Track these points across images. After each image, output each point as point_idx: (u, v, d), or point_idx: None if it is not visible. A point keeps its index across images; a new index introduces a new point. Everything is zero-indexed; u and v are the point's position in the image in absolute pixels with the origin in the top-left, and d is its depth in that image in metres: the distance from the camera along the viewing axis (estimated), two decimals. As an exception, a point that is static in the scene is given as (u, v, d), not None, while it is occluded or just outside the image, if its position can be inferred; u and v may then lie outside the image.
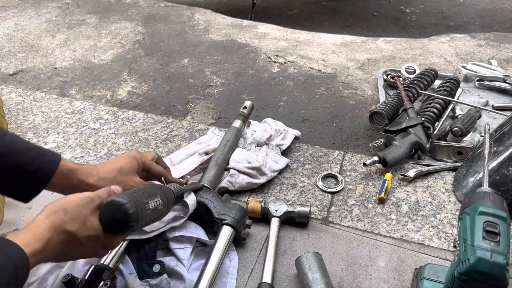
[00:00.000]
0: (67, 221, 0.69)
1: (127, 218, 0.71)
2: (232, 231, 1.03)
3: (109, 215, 0.72)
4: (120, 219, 0.72)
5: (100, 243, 0.74)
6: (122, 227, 0.73)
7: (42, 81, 1.96)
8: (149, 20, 2.61)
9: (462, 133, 1.43)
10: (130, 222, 0.72)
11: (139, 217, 0.73)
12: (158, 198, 0.80)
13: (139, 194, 0.76)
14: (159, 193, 0.82)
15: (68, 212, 0.70)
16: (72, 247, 0.71)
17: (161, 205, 0.81)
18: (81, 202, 0.72)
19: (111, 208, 0.72)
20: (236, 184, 1.23)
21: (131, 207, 0.72)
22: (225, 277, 1.00)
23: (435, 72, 1.76)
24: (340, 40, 2.37)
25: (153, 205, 0.78)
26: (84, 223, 0.71)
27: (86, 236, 0.71)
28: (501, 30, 3.27)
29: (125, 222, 0.72)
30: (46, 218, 0.69)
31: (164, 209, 0.83)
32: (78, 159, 1.41)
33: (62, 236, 0.69)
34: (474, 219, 0.70)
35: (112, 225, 0.73)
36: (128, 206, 0.71)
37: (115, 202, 0.72)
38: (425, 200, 1.25)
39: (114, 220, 0.72)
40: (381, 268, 1.04)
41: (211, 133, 1.46)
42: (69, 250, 0.71)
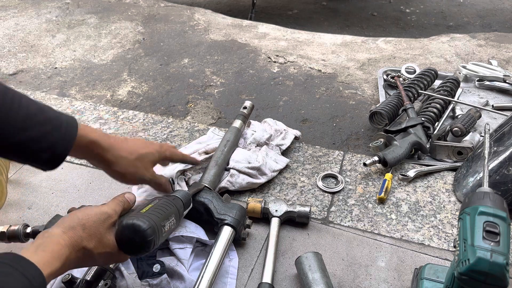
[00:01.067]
0: (84, 237, 0.70)
1: (145, 244, 0.73)
2: (232, 231, 1.03)
3: (127, 237, 0.73)
4: (138, 243, 0.73)
5: (111, 258, 0.75)
6: (138, 250, 0.74)
7: (42, 81, 1.97)
8: (149, 20, 2.61)
9: (462, 133, 1.43)
10: (147, 248, 0.73)
11: (156, 243, 0.75)
12: (173, 218, 0.81)
13: (157, 217, 0.76)
14: (174, 212, 0.83)
15: (86, 228, 0.71)
16: (86, 262, 0.72)
17: (174, 224, 0.82)
18: (99, 219, 0.73)
19: (130, 231, 0.73)
20: (236, 184, 1.23)
21: (151, 233, 0.72)
22: (225, 277, 1.00)
23: (435, 72, 1.76)
24: (340, 40, 2.37)
25: (168, 227, 0.79)
26: (101, 241, 0.72)
27: (101, 253, 0.72)
28: (501, 30, 3.27)
29: (142, 247, 0.73)
30: (64, 233, 0.69)
31: (176, 225, 0.84)
32: (78, 159, 1.41)
33: (79, 253, 0.69)
34: (474, 219, 0.70)
35: (129, 248, 0.74)
36: (148, 232, 0.72)
37: (135, 226, 0.72)
38: (425, 200, 1.25)
39: (132, 243, 0.73)
40: (381, 268, 1.04)
41: (211, 133, 1.46)
42: (83, 264, 0.72)
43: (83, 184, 1.31)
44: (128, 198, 0.82)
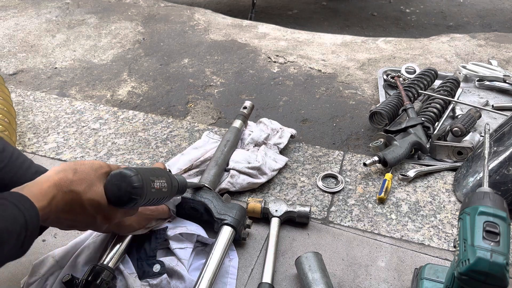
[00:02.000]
0: (74, 180, 0.70)
1: (132, 190, 0.72)
2: (232, 231, 1.03)
3: (115, 185, 0.73)
4: (125, 190, 0.72)
5: (101, 211, 0.74)
6: (126, 199, 0.73)
7: (42, 81, 1.97)
8: (149, 20, 2.61)
9: (462, 133, 1.43)
10: (134, 195, 0.73)
11: (144, 192, 0.74)
12: (164, 181, 0.81)
13: (146, 171, 0.77)
14: (165, 177, 0.83)
15: (77, 172, 0.71)
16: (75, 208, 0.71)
17: (165, 187, 0.82)
18: (91, 167, 0.74)
19: (117, 179, 0.73)
20: (237, 185, 1.23)
21: (137, 180, 0.72)
22: (225, 277, 1.00)
23: (435, 72, 1.76)
24: (340, 40, 2.37)
25: (158, 185, 0.79)
26: (90, 187, 0.72)
27: (89, 199, 0.71)
28: (501, 30, 3.27)
29: (129, 194, 0.72)
30: (55, 174, 0.70)
31: (167, 193, 0.83)
32: (78, 159, 1.41)
33: (67, 195, 0.69)
34: (474, 219, 0.70)
35: (116, 195, 0.74)
36: (134, 178, 0.72)
37: (122, 173, 0.73)
38: (425, 200, 1.25)
39: (119, 190, 0.73)
40: (381, 268, 1.04)
41: (206, 137, 1.44)
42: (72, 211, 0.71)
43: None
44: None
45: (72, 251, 0.99)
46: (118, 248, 0.96)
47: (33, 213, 0.63)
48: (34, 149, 1.46)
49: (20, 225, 0.60)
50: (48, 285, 0.93)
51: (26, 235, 0.62)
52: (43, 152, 1.44)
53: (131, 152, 1.44)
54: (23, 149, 1.45)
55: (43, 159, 1.41)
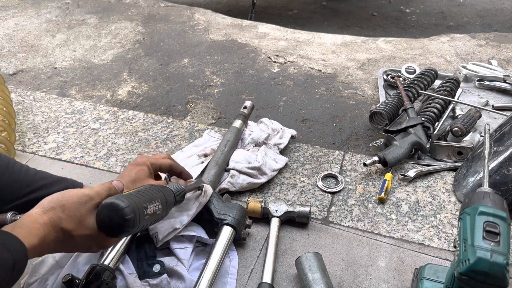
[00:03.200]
0: (64, 218, 0.69)
1: (124, 223, 0.71)
2: (232, 231, 1.03)
3: (106, 217, 0.72)
4: (117, 222, 0.71)
5: (94, 242, 0.74)
6: (118, 231, 0.72)
7: (42, 81, 1.97)
8: (149, 20, 2.61)
9: (462, 133, 1.43)
10: (126, 228, 0.71)
11: (136, 223, 0.72)
12: (158, 203, 0.79)
13: (138, 198, 0.75)
14: (159, 197, 0.81)
15: (66, 209, 0.70)
16: (67, 244, 0.71)
17: (159, 209, 0.80)
18: (79, 200, 0.72)
19: (109, 210, 0.71)
20: (237, 185, 1.23)
21: (129, 212, 0.70)
22: (225, 277, 1.00)
23: (435, 72, 1.76)
24: (340, 40, 2.37)
25: (152, 210, 0.77)
26: (81, 223, 0.70)
27: (81, 235, 0.71)
28: (501, 30, 3.27)
29: (121, 226, 0.71)
30: (44, 213, 0.68)
31: (163, 213, 0.82)
32: (78, 159, 1.41)
33: (59, 234, 0.68)
34: (474, 219, 0.70)
35: (108, 227, 0.72)
36: (126, 211, 0.70)
37: (113, 205, 0.71)
38: (425, 200, 1.25)
39: (111, 222, 0.71)
40: (381, 268, 1.04)
41: (207, 135, 1.45)
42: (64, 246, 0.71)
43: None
44: (116, 185, 0.80)
45: (72, 251, 0.99)
46: (118, 248, 0.96)
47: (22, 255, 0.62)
48: (34, 149, 1.46)
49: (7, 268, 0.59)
50: (48, 285, 0.93)
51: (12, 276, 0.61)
52: (43, 152, 1.44)
53: (131, 152, 1.44)
54: (23, 149, 1.45)
55: (43, 159, 1.41)
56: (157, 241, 1.00)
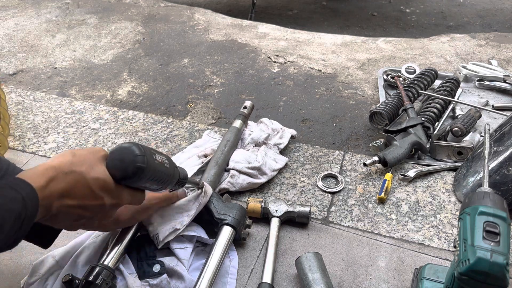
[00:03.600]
0: (74, 162, 0.68)
1: (136, 158, 0.70)
2: (232, 231, 1.03)
3: (117, 159, 0.71)
4: (129, 160, 0.70)
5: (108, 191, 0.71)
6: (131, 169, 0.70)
7: (42, 81, 1.97)
8: (149, 20, 2.61)
9: (462, 133, 1.43)
10: (139, 163, 0.70)
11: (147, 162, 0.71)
12: (165, 158, 0.79)
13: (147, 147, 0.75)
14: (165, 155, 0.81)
15: (76, 155, 0.70)
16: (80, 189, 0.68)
17: (167, 163, 0.79)
18: (89, 151, 0.72)
19: (119, 152, 0.71)
20: (237, 185, 1.23)
21: (138, 149, 0.71)
22: (225, 277, 1.00)
23: (435, 72, 1.76)
24: (340, 40, 2.37)
25: (160, 159, 0.76)
26: (92, 166, 0.70)
27: (94, 178, 0.69)
28: (501, 30, 3.27)
29: (134, 162, 0.70)
30: (52, 160, 0.68)
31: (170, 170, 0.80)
32: (78, 159, 1.41)
33: (69, 177, 0.67)
34: (474, 219, 0.70)
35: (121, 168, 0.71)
36: (135, 148, 0.71)
37: (122, 146, 0.72)
38: (425, 200, 1.25)
39: (123, 162, 0.71)
40: (381, 268, 1.04)
41: (207, 135, 1.45)
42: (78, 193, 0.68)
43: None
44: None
45: (72, 251, 0.99)
46: (118, 248, 0.96)
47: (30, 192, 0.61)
48: (34, 149, 1.46)
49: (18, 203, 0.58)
50: (48, 285, 0.93)
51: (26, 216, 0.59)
52: (43, 152, 1.44)
53: (131, 152, 1.44)
54: (23, 149, 1.45)
55: (43, 159, 1.41)
56: (158, 242, 1.00)
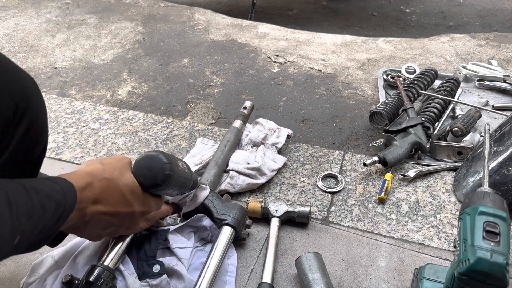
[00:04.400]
0: (106, 169, 0.70)
1: (165, 166, 0.72)
2: (232, 231, 1.03)
3: (145, 167, 0.72)
4: (157, 168, 0.71)
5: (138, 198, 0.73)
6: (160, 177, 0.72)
7: (42, 81, 1.97)
8: (149, 20, 2.61)
9: (462, 133, 1.43)
10: (168, 171, 0.72)
11: (174, 169, 0.73)
12: (184, 163, 0.82)
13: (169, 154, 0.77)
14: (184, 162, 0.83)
15: (104, 163, 0.71)
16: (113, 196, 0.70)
17: (188, 169, 0.82)
18: (115, 158, 0.74)
19: (146, 161, 0.73)
20: (236, 186, 1.23)
21: (165, 157, 0.72)
22: (224, 275, 1.00)
23: (435, 72, 1.76)
24: (340, 40, 2.37)
25: (181, 165, 0.79)
26: (121, 173, 0.72)
27: (125, 184, 0.71)
28: (501, 30, 3.27)
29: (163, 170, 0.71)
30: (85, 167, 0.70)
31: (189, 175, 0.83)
32: (78, 159, 1.41)
33: (103, 182, 0.69)
34: (474, 219, 0.70)
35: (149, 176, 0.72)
36: (162, 156, 0.72)
37: (149, 155, 0.73)
38: (425, 200, 1.25)
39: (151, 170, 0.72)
40: (381, 268, 1.04)
41: (201, 143, 1.43)
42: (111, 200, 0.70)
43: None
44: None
45: (71, 251, 0.99)
46: (118, 248, 0.96)
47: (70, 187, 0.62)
48: (34, 149, 1.45)
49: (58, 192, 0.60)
50: (47, 285, 0.93)
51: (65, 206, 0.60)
52: (43, 152, 1.44)
53: (131, 152, 1.44)
54: (23, 149, 1.45)
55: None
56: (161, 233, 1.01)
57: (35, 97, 0.64)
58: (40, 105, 0.66)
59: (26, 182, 0.56)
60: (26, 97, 0.63)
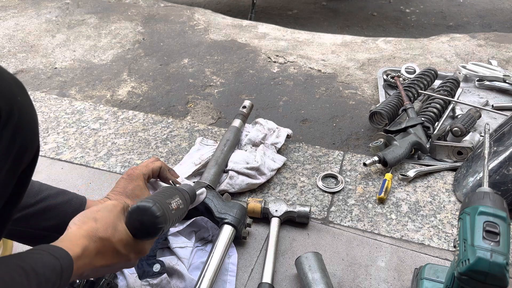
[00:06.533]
0: (99, 228, 0.70)
1: (156, 220, 0.71)
2: (232, 230, 1.03)
3: (137, 221, 0.72)
4: (149, 222, 0.71)
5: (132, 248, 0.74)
6: (153, 231, 0.72)
7: (42, 81, 1.97)
8: (149, 20, 2.61)
9: (462, 133, 1.43)
10: (159, 224, 0.72)
11: (167, 218, 0.73)
12: (178, 198, 0.81)
13: (160, 196, 0.76)
14: (177, 194, 0.82)
15: (98, 220, 0.71)
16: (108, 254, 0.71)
17: (181, 204, 0.81)
18: (107, 209, 0.73)
19: (138, 214, 0.72)
20: (236, 186, 1.23)
21: (157, 209, 0.71)
22: (224, 274, 1.00)
23: (435, 72, 1.76)
24: (340, 40, 2.37)
25: (175, 205, 0.78)
26: (116, 228, 0.71)
27: (119, 240, 0.71)
28: (501, 30, 3.27)
29: (154, 225, 0.71)
30: (80, 228, 0.69)
31: (185, 208, 0.83)
32: (78, 159, 1.41)
33: (98, 244, 0.69)
34: (474, 219, 0.70)
35: (141, 229, 0.73)
36: (154, 209, 0.71)
37: (140, 207, 0.72)
38: (425, 200, 1.25)
39: (143, 224, 0.72)
40: (381, 268, 1.04)
41: (200, 144, 1.42)
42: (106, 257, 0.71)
43: (83, 184, 1.31)
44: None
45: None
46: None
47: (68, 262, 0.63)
48: (34, 149, 1.45)
49: (56, 273, 0.60)
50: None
51: (60, 285, 0.62)
52: (43, 153, 1.44)
53: (131, 152, 1.44)
54: (23, 149, 1.45)
55: (43, 159, 1.41)
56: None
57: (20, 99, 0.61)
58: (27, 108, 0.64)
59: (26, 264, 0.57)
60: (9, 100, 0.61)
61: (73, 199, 0.88)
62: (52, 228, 0.83)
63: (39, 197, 0.84)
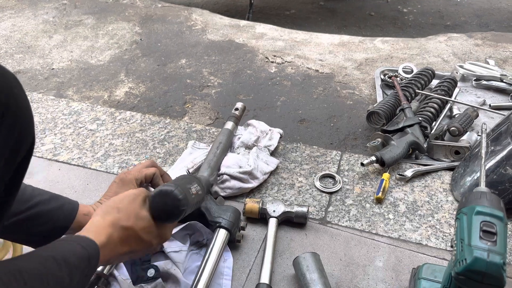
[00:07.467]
0: (122, 218, 0.73)
1: (179, 203, 0.76)
2: (226, 234, 1.02)
3: (161, 204, 0.76)
4: (172, 205, 0.76)
5: (153, 234, 0.77)
6: (176, 213, 0.76)
7: (39, 82, 1.96)
8: (146, 20, 2.61)
9: (460, 133, 1.43)
10: (182, 206, 0.76)
11: (188, 202, 0.78)
12: (196, 185, 0.85)
13: (180, 181, 0.81)
14: (195, 181, 0.87)
15: (120, 210, 0.74)
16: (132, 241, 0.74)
17: (200, 190, 0.86)
18: (129, 199, 0.76)
19: (161, 197, 0.76)
20: (227, 190, 1.22)
21: (179, 193, 0.76)
22: (219, 278, 1.00)
23: (433, 71, 1.76)
24: (338, 40, 2.37)
25: (195, 190, 0.83)
26: (138, 216, 0.75)
27: (142, 228, 0.74)
28: (498, 29, 3.27)
29: (177, 207, 0.76)
30: (104, 218, 0.72)
31: (203, 194, 0.87)
32: (75, 160, 1.41)
33: (121, 232, 0.72)
34: (471, 219, 0.70)
35: (164, 212, 0.77)
36: (177, 192, 0.76)
37: (163, 190, 0.76)
38: (422, 199, 1.25)
39: (166, 207, 0.76)
40: (379, 268, 1.04)
41: (192, 147, 1.41)
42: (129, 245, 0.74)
43: (80, 185, 1.30)
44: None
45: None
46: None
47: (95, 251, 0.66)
48: (31, 151, 1.45)
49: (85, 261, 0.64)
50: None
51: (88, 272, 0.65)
52: (40, 154, 1.44)
53: (129, 153, 1.44)
54: (20, 151, 1.45)
55: (40, 160, 1.41)
56: None
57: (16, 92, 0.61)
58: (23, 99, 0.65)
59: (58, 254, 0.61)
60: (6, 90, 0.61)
61: (65, 204, 0.89)
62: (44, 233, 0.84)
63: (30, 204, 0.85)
